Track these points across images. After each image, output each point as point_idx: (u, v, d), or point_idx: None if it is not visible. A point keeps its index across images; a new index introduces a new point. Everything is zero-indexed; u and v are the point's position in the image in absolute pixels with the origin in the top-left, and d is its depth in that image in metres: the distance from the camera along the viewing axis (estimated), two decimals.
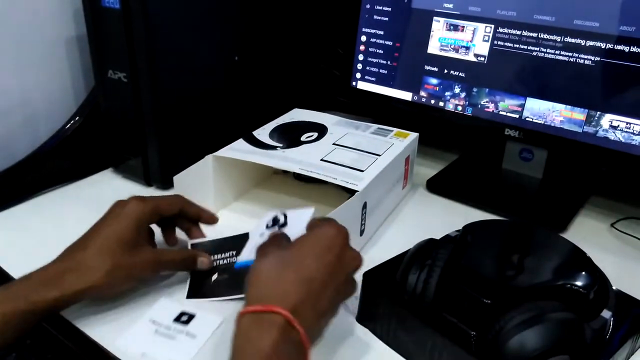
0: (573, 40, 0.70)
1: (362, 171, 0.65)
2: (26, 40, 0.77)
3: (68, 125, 0.81)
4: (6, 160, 0.76)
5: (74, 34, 0.82)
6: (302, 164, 0.66)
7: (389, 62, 0.86)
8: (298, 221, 0.53)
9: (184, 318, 0.53)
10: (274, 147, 0.71)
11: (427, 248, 0.51)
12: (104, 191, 0.78)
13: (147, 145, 0.76)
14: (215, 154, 0.69)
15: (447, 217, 0.75)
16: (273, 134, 0.75)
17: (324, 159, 0.68)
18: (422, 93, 0.85)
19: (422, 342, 0.47)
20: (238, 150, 0.70)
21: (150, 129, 0.75)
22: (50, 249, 0.51)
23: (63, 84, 0.83)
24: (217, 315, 0.54)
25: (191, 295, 0.57)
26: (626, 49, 0.67)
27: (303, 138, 0.74)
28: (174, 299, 0.56)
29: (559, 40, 0.71)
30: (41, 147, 0.79)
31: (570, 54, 0.71)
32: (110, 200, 0.56)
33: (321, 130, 0.77)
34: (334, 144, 0.73)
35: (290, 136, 0.74)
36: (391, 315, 0.50)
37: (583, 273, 0.46)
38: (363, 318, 0.54)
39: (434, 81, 0.83)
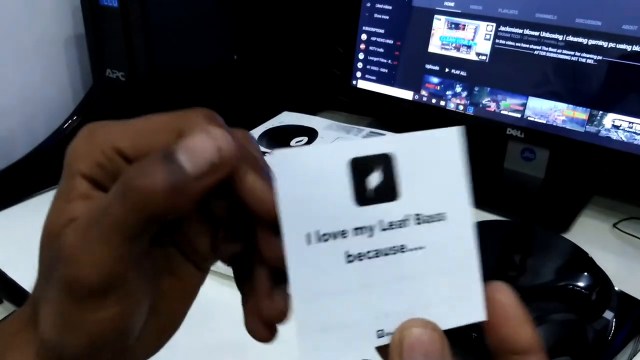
0: (575, 39, 0.70)
1: None
2: (24, 39, 0.76)
3: (66, 125, 0.80)
4: (4, 160, 0.75)
5: (72, 32, 0.81)
6: None
7: (389, 61, 0.86)
8: None
9: None
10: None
11: None
12: None
13: None
14: None
15: None
16: (261, 139, 0.73)
17: None
18: (423, 92, 0.84)
19: None
20: None
21: None
22: None
23: (61, 83, 0.82)
24: None
25: None
26: (628, 47, 0.66)
27: (292, 143, 0.72)
28: None
29: (560, 39, 0.71)
30: (39, 147, 0.78)
31: (572, 53, 0.70)
32: None
33: (311, 134, 0.75)
34: None
35: (279, 141, 0.72)
36: None
37: (585, 274, 0.46)
38: None
39: (435, 80, 0.82)
